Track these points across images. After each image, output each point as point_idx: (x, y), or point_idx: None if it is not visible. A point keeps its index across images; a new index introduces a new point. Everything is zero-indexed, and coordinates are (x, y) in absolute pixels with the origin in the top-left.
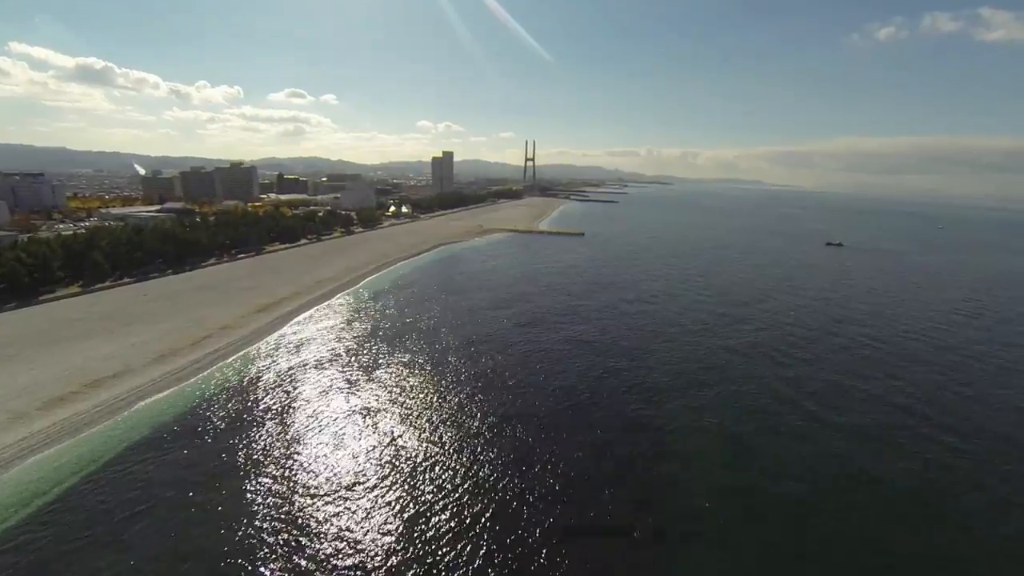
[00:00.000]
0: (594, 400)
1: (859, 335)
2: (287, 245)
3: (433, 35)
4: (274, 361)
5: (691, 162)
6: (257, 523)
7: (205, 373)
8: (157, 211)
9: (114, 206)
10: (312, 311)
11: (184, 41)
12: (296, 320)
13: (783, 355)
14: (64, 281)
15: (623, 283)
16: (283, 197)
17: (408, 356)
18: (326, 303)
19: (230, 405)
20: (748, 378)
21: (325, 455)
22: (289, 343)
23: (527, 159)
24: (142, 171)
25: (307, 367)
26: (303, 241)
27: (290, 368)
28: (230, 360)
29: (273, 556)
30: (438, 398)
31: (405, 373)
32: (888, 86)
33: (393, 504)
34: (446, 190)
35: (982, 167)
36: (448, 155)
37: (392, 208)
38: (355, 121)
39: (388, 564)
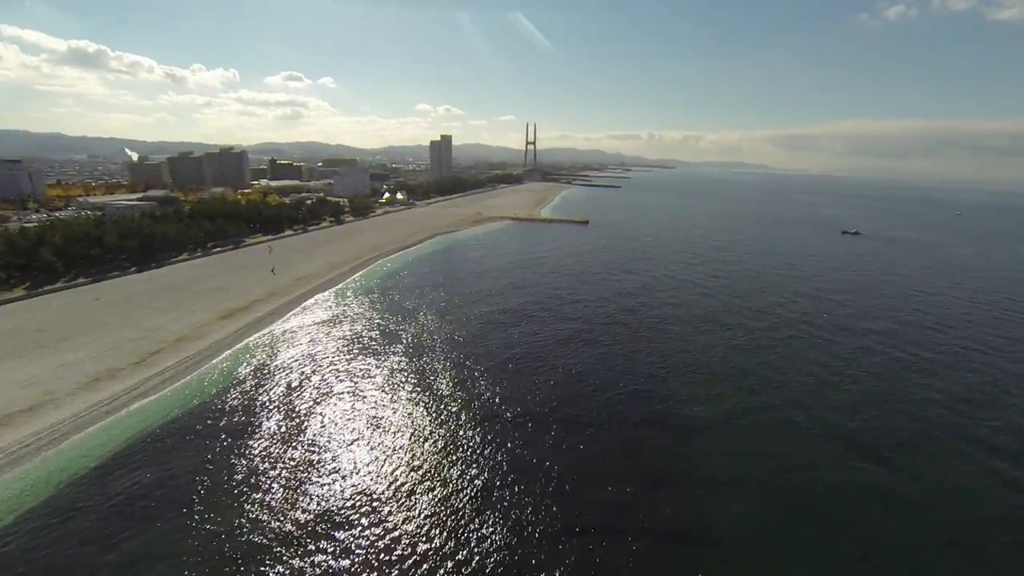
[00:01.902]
0: (605, 408)
1: (895, 337)
2: (270, 237)
3: (431, 16)
4: (234, 382)
5: (694, 146)
6: None
7: (143, 402)
8: (139, 199)
9: (96, 194)
10: (287, 315)
11: (177, 23)
12: (267, 328)
13: (816, 362)
14: (8, 283)
15: (639, 283)
16: (274, 183)
17: (396, 367)
18: (303, 305)
19: (170, 445)
20: (778, 387)
21: (290, 515)
22: (255, 357)
23: (528, 142)
24: (134, 156)
25: (274, 388)
26: (288, 232)
27: (253, 390)
28: (179, 384)
29: None
30: (429, 417)
31: (392, 388)
32: (895, 67)
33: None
34: (445, 175)
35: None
36: (447, 139)
37: (387, 195)
38: (354, 104)
39: None
